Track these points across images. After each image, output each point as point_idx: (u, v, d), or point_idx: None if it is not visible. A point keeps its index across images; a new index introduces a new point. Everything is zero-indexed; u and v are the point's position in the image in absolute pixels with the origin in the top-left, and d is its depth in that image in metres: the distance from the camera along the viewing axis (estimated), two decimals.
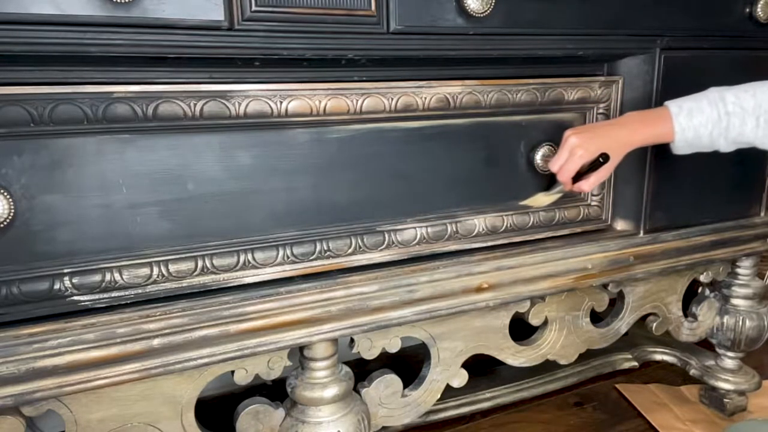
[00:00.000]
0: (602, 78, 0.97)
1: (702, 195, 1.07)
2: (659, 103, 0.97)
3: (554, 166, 0.86)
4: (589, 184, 0.86)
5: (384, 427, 0.95)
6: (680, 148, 0.85)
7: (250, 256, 0.78)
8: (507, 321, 1.00)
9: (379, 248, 0.85)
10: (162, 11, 0.64)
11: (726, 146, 0.84)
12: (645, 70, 0.97)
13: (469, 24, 0.80)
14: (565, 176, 0.85)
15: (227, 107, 0.71)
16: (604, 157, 0.83)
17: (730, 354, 1.30)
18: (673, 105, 0.84)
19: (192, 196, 0.74)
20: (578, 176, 0.86)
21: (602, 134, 0.85)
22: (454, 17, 0.79)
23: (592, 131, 0.86)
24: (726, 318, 1.26)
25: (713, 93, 0.83)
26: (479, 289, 0.89)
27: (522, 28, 0.84)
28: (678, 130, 0.83)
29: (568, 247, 0.97)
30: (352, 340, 0.87)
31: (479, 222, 0.92)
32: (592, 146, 0.83)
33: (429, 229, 0.88)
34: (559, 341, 1.07)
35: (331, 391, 0.84)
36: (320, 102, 0.76)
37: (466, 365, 0.98)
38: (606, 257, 0.99)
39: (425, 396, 0.97)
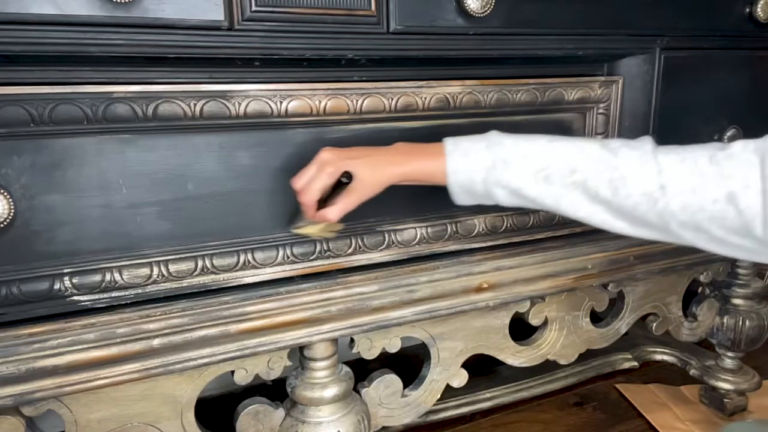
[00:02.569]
0: (602, 78, 0.97)
1: None
2: (659, 102, 0.97)
3: (297, 184, 0.71)
4: (335, 212, 0.71)
5: (384, 427, 0.95)
6: (456, 194, 0.72)
7: (250, 256, 0.78)
8: (507, 321, 1.00)
9: (379, 248, 0.85)
10: (162, 11, 0.64)
11: (505, 199, 0.70)
12: (645, 70, 0.97)
13: (469, 24, 0.80)
14: (308, 197, 0.70)
15: (227, 107, 0.71)
16: (347, 177, 0.70)
17: (730, 354, 1.30)
18: (450, 142, 0.72)
19: (192, 196, 0.74)
20: (324, 203, 0.72)
21: (362, 156, 0.72)
22: (454, 17, 0.79)
23: (352, 151, 0.73)
24: (726, 318, 1.26)
25: (493, 136, 0.71)
26: (479, 289, 0.89)
27: (522, 28, 0.84)
28: (450, 171, 0.70)
29: (568, 247, 0.97)
30: (352, 340, 0.87)
31: (479, 222, 0.92)
32: (347, 167, 0.70)
33: (429, 229, 0.88)
34: (559, 341, 1.07)
35: (331, 391, 0.84)
36: (320, 102, 0.76)
37: (466, 365, 0.98)
38: (606, 257, 0.99)
39: (425, 396, 0.97)
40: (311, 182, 0.70)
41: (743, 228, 0.61)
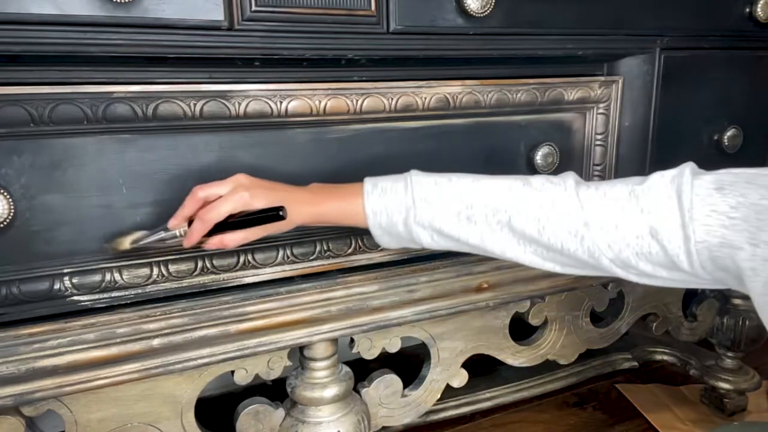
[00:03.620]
0: (602, 78, 0.96)
1: None
2: (659, 102, 0.97)
3: (200, 193, 0.65)
4: (237, 240, 0.66)
5: (384, 427, 0.95)
6: (379, 236, 0.70)
7: (249, 256, 0.78)
8: (507, 321, 1.00)
9: (379, 248, 0.85)
10: (162, 11, 0.64)
11: (429, 240, 0.68)
12: (645, 70, 0.97)
13: (469, 24, 0.80)
14: (212, 215, 0.64)
15: (227, 107, 0.71)
16: (282, 212, 0.64)
17: (730, 354, 1.30)
18: (369, 182, 0.69)
19: None
20: (217, 229, 0.65)
21: (279, 191, 0.67)
22: (454, 17, 0.79)
23: (269, 183, 0.68)
24: (726, 318, 1.26)
25: (413, 175, 0.69)
26: (479, 289, 0.89)
27: (522, 28, 0.84)
28: (369, 213, 0.68)
29: None
30: (352, 340, 0.87)
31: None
32: (264, 195, 0.65)
33: None
34: (559, 341, 1.07)
35: (331, 391, 0.84)
36: (320, 102, 0.76)
37: (466, 365, 0.98)
38: None
39: (425, 396, 0.97)
40: (223, 202, 0.64)
41: (669, 262, 0.60)
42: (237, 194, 0.64)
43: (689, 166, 0.61)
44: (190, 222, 0.66)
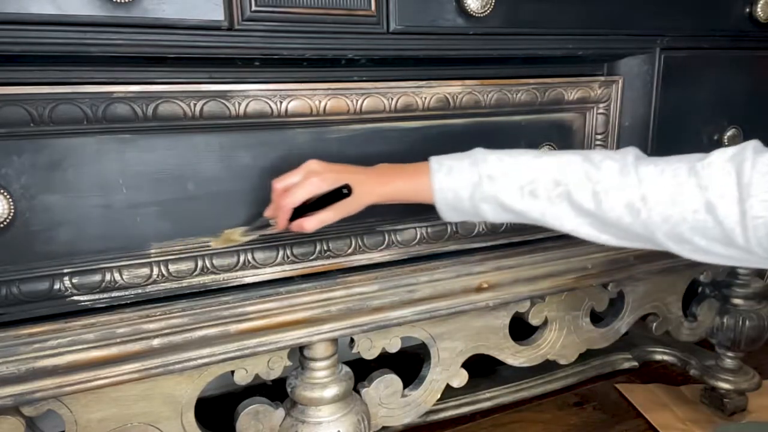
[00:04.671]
0: (602, 78, 0.96)
1: None
2: (659, 102, 0.97)
3: (279, 184, 0.70)
4: (315, 223, 0.70)
5: (384, 427, 0.95)
6: (444, 211, 0.73)
7: (250, 256, 0.78)
8: (507, 321, 1.00)
9: (379, 248, 0.85)
10: (162, 11, 0.64)
11: (492, 214, 0.71)
12: (645, 70, 0.97)
13: (469, 24, 0.80)
14: (288, 201, 0.69)
15: (227, 107, 0.71)
16: (347, 189, 0.68)
17: (730, 354, 1.30)
18: (435, 161, 0.73)
19: (192, 195, 0.74)
20: (299, 213, 0.70)
21: (348, 173, 0.71)
22: (453, 17, 0.79)
23: (340, 166, 0.72)
24: (726, 318, 1.26)
25: (478, 153, 0.72)
26: (479, 289, 0.89)
27: (522, 28, 0.84)
28: (437, 189, 0.71)
29: (568, 247, 0.97)
30: (352, 340, 0.87)
31: (479, 222, 0.92)
32: (331, 178, 0.69)
33: (429, 229, 0.88)
34: (559, 341, 1.07)
35: (331, 391, 0.84)
36: (320, 102, 0.76)
37: (466, 365, 0.98)
38: (606, 257, 0.99)
39: (425, 396, 0.97)
40: (296, 189, 0.69)
41: (725, 237, 0.60)
42: (308, 181, 0.69)
43: (753, 143, 0.61)
44: None
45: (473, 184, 0.70)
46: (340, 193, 0.69)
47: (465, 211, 0.72)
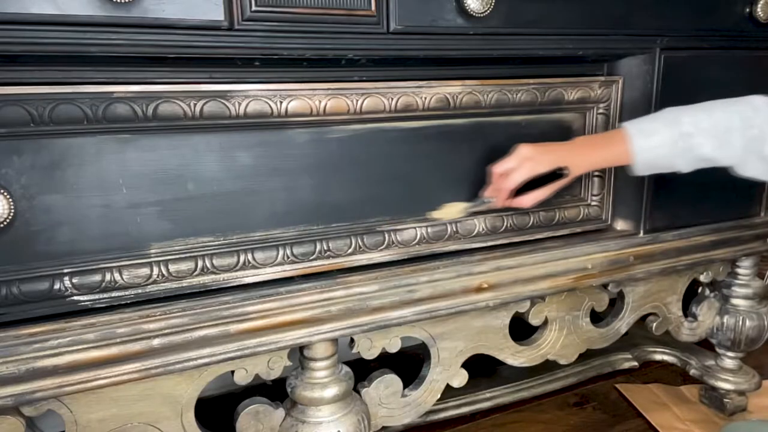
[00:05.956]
0: (602, 78, 0.97)
1: (702, 195, 1.07)
2: (659, 102, 0.97)
3: (497, 170, 0.83)
4: (531, 200, 0.83)
5: (384, 427, 0.95)
6: (640, 169, 0.84)
7: (250, 256, 0.78)
8: (507, 321, 1.00)
9: (379, 248, 0.85)
10: (162, 11, 0.64)
11: (685, 166, 0.83)
12: (645, 70, 0.97)
13: (469, 24, 0.80)
14: (508, 185, 0.81)
15: (227, 107, 0.71)
16: (565, 170, 0.81)
17: (730, 354, 1.30)
18: (630, 126, 0.83)
19: (192, 196, 0.74)
20: (516, 192, 0.83)
21: (557, 151, 0.83)
22: (454, 17, 0.79)
23: (547, 146, 0.84)
24: (726, 318, 1.26)
25: (669, 113, 0.82)
26: (479, 289, 0.89)
27: (522, 28, 0.84)
28: (637, 151, 0.81)
29: (568, 247, 0.97)
30: (352, 340, 0.87)
31: (479, 222, 0.92)
32: (545, 160, 0.81)
33: (429, 229, 0.88)
34: (559, 341, 1.07)
35: (331, 391, 0.84)
36: (320, 102, 0.76)
37: (466, 365, 0.98)
38: (606, 257, 0.99)
39: (425, 396, 0.97)
40: (514, 173, 0.81)
41: None
42: (523, 166, 0.80)
43: None
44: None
45: (671, 143, 0.79)
46: (555, 174, 0.80)
47: (660, 167, 0.83)
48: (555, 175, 0.81)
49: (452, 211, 0.86)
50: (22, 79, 0.64)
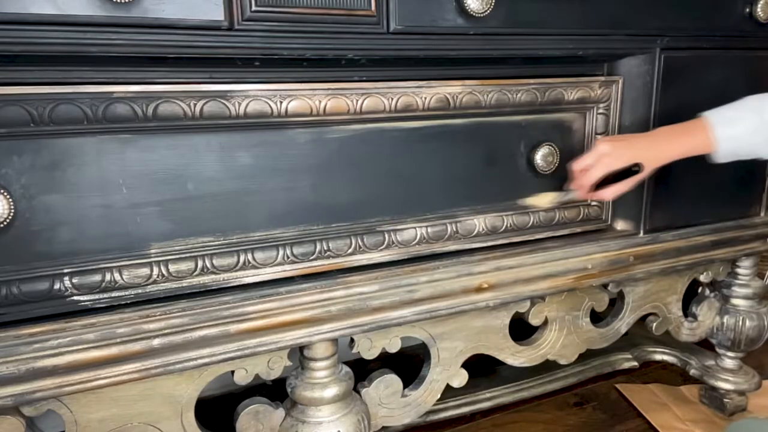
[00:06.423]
0: (602, 78, 0.97)
1: (702, 195, 1.07)
2: (659, 102, 0.97)
3: (576, 167, 0.86)
4: (611, 193, 0.86)
5: (384, 427, 0.95)
6: (722, 157, 0.84)
7: (250, 256, 0.78)
8: (507, 321, 1.00)
9: (379, 248, 0.85)
10: (162, 11, 0.64)
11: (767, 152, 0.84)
12: (645, 70, 0.97)
13: (469, 24, 0.80)
14: (587, 181, 0.84)
15: (227, 107, 0.71)
16: (637, 167, 0.83)
17: (730, 354, 1.30)
18: (711, 115, 0.83)
19: (192, 196, 0.74)
20: (597, 185, 0.86)
21: (636, 145, 0.85)
22: (454, 17, 0.79)
23: (626, 140, 0.86)
24: (726, 318, 1.26)
25: (752, 101, 0.82)
26: (479, 289, 0.89)
27: (522, 28, 0.84)
28: (721, 139, 0.82)
29: (568, 247, 0.97)
30: (352, 340, 0.87)
31: (479, 222, 0.92)
32: (623, 156, 0.83)
33: (429, 229, 0.88)
34: (559, 341, 1.07)
35: (331, 391, 0.84)
36: (320, 102, 0.76)
37: (466, 365, 0.98)
38: (606, 257, 0.99)
39: (425, 396, 0.97)
40: (593, 170, 0.83)
41: None
42: (600, 162, 0.83)
43: None
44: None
45: (753, 131, 0.80)
46: (631, 170, 0.83)
47: (741, 154, 0.84)
48: (631, 172, 0.84)
49: (544, 200, 0.91)
50: (22, 79, 0.64)
